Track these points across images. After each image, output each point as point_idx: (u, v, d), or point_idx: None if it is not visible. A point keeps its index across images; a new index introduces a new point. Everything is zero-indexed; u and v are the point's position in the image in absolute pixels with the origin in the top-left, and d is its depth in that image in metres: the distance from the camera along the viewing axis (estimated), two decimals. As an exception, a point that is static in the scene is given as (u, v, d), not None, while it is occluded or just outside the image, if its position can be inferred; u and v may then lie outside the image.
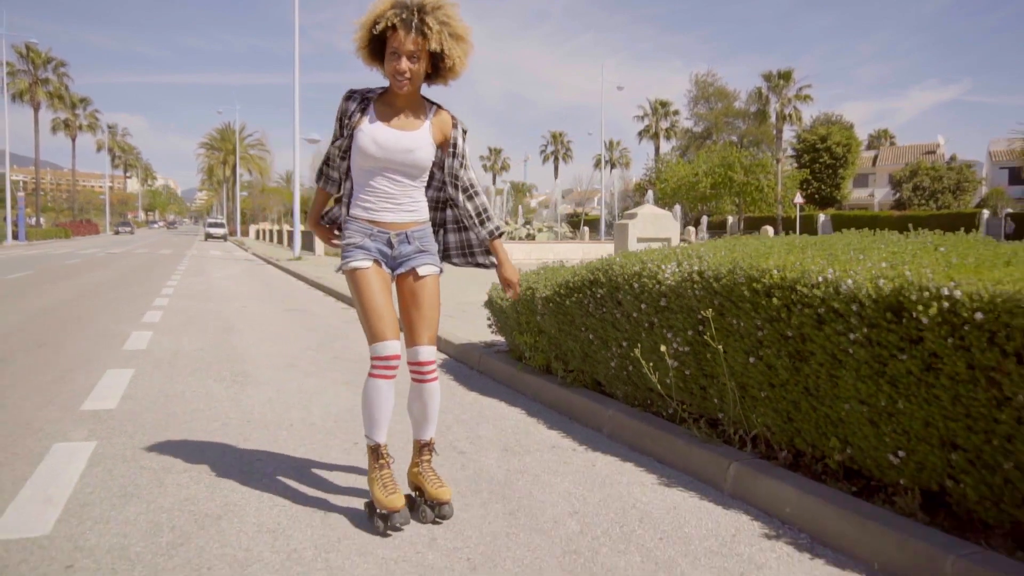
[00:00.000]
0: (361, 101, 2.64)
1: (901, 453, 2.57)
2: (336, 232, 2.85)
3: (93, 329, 7.50)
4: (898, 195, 56.59)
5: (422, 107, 2.69)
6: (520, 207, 44.70)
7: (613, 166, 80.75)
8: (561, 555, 2.42)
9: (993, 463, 2.31)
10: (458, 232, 2.91)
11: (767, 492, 2.89)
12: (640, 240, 7.67)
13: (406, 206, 2.70)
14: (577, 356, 4.51)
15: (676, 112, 67.38)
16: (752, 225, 46.83)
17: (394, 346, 2.59)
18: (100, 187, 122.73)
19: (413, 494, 2.78)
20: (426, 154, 2.66)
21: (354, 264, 2.64)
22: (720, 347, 3.24)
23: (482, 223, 2.83)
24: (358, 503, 2.83)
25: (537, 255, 21.97)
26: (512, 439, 3.81)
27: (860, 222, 44.47)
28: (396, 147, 2.60)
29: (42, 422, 3.90)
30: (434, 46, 2.46)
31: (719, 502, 2.95)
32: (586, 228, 43.34)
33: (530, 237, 31.19)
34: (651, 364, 3.64)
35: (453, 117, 2.75)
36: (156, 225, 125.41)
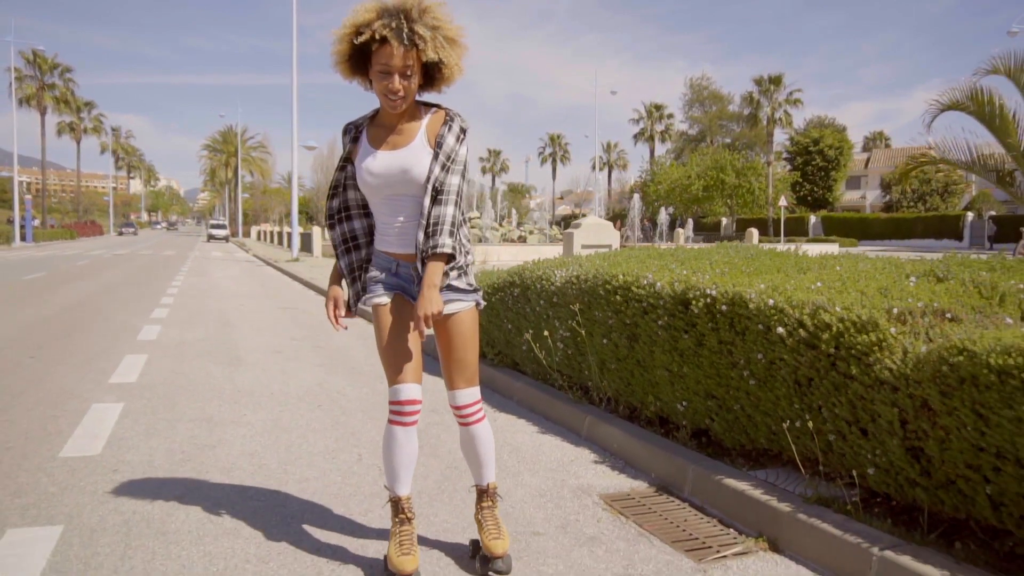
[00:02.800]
0: (354, 131, 2.43)
1: (685, 403, 3.72)
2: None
3: (109, 323, 8.67)
4: (888, 197, 57.67)
5: (416, 115, 2.39)
6: (514, 209, 45.73)
7: (611, 168, 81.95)
8: (444, 468, 3.58)
9: (731, 406, 3.46)
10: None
11: (605, 435, 4.04)
12: (584, 247, 8.83)
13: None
14: (501, 342, 5.66)
15: (671, 115, 68.60)
16: (744, 227, 47.90)
17: (410, 390, 2.36)
18: (103, 188, 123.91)
19: (479, 539, 2.59)
20: (425, 168, 2.32)
21: (373, 300, 2.42)
22: (584, 332, 4.40)
23: (428, 235, 2.31)
24: (312, 440, 3.98)
25: (523, 256, 23.14)
26: (440, 404, 4.96)
27: (849, 224, 45.28)
28: (390, 171, 2.33)
29: (80, 390, 5.07)
30: (430, 55, 2.19)
31: (574, 443, 4.10)
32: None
33: (521, 239, 32.36)
34: (538, 344, 4.80)
35: (448, 114, 2.39)
36: (159, 226, 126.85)
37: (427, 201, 2.33)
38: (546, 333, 4.66)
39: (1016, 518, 2.35)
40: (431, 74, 2.31)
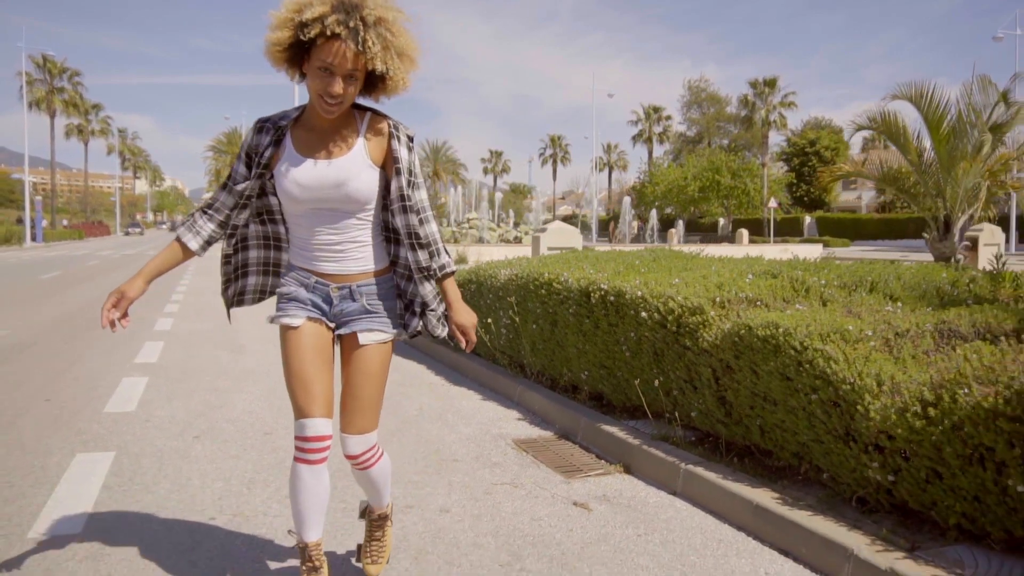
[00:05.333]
0: (275, 132, 2.15)
1: (586, 372, 4.78)
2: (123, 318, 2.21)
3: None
4: (883, 198, 58.53)
5: (351, 121, 2.17)
6: (512, 210, 46.78)
7: (611, 169, 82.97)
8: (400, 423, 4.65)
9: (615, 373, 4.52)
10: (407, 281, 2.31)
11: (531, 399, 5.11)
12: (549, 248, 9.89)
13: (351, 253, 2.20)
14: (461, 330, 6.73)
15: (668, 117, 69.53)
16: (739, 227, 48.74)
17: (319, 425, 2.15)
18: (109, 188, 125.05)
19: (360, 551, 2.57)
20: (363, 183, 2.13)
21: (282, 319, 2.23)
22: (519, 319, 5.46)
23: (432, 256, 2.26)
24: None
25: (515, 255, 24.21)
26: (407, 379, 6.04)
27: (843, 224, 46.04)
28: (323, 183, 2.10)
29: (111, 369, 6.16)
30: (378, 66, 1.99)
31: (507, 406, 5.16)
32: (576, 230, 45.45)
33: (517, 240, 33.45)
34: (484, 330, 5.87)
35: (391, 123, 2.20)
36: (163, 226, 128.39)
37: (413, 219, 2.19)
38: (489, 321, 5.73)
39: (774, 441, 3.41)
40: (372, 82, 2.10)
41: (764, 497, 3.10)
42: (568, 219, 61.36)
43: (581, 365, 4.83)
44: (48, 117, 57.26)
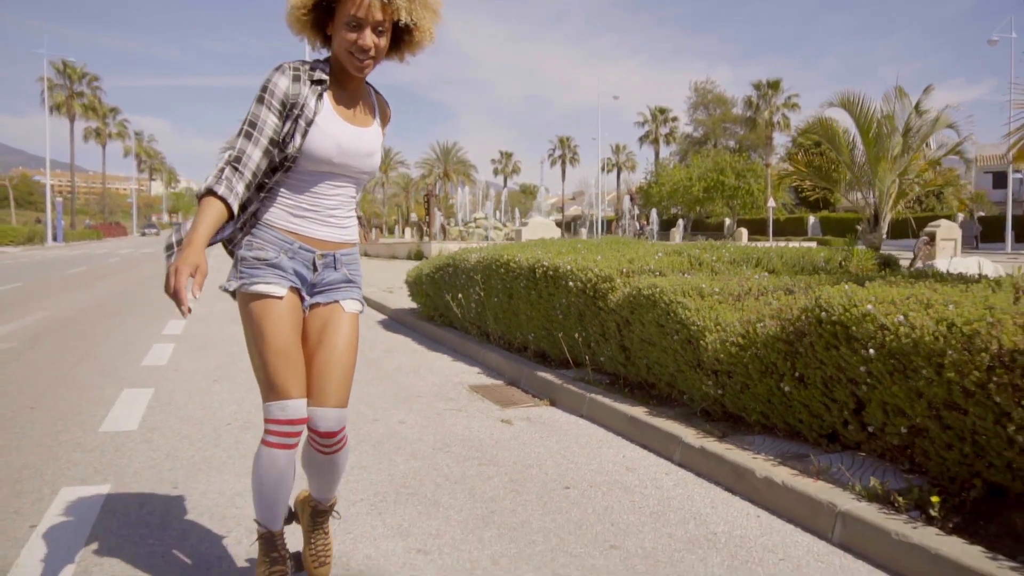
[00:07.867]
0: (313, 83, 2.03)
1: (532, 334, 5.85)
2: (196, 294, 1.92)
3: (152, 301, 10.93)
4: (886, 198, 59.06)
5: (368, 93, 2.19)
6: (517, 209, 47.90)
7: (620, 169, 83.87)
8: (379, 375, 5.73)
9: (553, 333, 5.57)
10: None
11: (491, 358, 6.18)
12: (529, 240, 10.98)
13: (341, 221, 2.17)
14: (442, 307, 7.82)
15: (675, 119, 70.36)
16: (743, 227, 49.44)
17: (299, 407, 2.06)
18: (125, 190, 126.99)
19: (302, 555, 2.34)
20: (380, 157, 2.21)
21: (261, 288, 2.06)
22: (484, 294, 6.54)
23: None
24: (300, 363, 6.15)
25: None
26: (394, 346, 7.13)
27: (845, 224, 46.32)
28: (358, 149, 2.09)
29: (143, 338, 7.29)
30: (403, 17, 1.97)
31: (472, 365, 6.23)
32: (583, 229, 46.57)
33: (520, 237, 34.59)
34: (456, 304, 6.96)
35: (390, 109, 2.29)
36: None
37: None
38: (460, 296, 6.82)
39: (655, 375, 4.46)
40: (399, 37, 2.08)
41: (638, 412, 4.16)
42: (576, 219, 62.34)
43: (529, 328, 5.89)
44: (68, 121, 58.95)
